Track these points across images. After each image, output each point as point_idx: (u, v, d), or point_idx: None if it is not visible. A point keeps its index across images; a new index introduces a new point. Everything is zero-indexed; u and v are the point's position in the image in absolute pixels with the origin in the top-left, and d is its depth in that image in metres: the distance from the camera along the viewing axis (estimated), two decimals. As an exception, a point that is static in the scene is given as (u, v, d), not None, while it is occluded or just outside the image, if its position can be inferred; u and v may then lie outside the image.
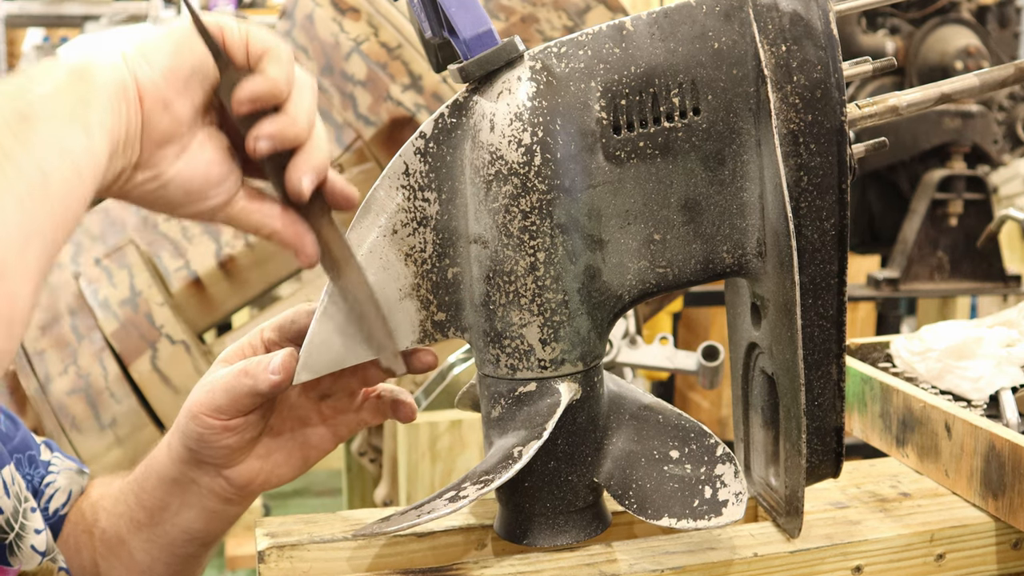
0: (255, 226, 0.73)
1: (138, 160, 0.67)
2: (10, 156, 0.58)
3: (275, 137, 0.69)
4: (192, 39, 0.68)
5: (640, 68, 0.73)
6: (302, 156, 0.70)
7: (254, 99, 0.68)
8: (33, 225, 0.58)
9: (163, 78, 0.67)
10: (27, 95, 0.61)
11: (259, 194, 0.73)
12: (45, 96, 0.61)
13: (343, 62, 1.96)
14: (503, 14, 1.92)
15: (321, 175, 0.72)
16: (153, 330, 1.98)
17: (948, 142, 2.84)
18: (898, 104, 0.80)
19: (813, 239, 0.75)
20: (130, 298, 2.01)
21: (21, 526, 0.84)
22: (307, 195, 0.71)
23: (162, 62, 0.67)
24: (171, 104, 0.67)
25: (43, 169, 0.59)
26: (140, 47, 0.67)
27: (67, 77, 0.63)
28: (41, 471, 0.93)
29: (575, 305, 0.74)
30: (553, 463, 0.77)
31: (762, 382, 0.82)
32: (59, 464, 0.95)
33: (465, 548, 0.83)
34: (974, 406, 0.94)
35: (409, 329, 0.77)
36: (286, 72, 0.69)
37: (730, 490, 0.73)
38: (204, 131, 0.70)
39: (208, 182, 0.70)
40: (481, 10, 0.72)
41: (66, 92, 0.62)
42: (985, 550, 0.83)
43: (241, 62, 0.69)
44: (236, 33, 0.69)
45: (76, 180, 0.61)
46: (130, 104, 0.65)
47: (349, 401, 0.85)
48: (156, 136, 0.67)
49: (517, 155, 0.71)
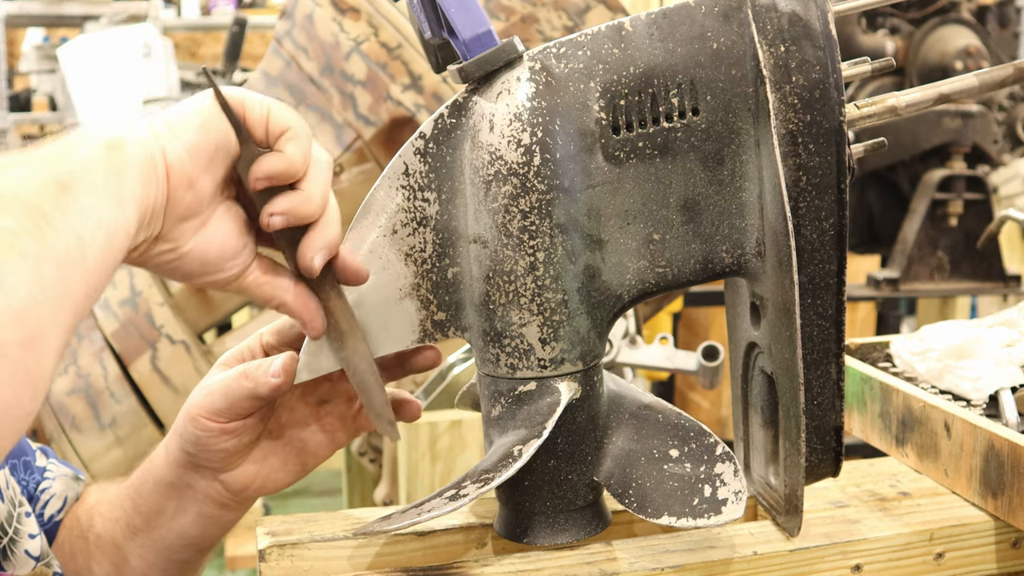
0: (266, 297, 0.74)
1: (159, 233, 0.68)
2: (51, 223, 0.58)
3: (289, 214, 0.71)
4: (217, 116, 0.69)
5: (639, 68, 0.73)
6: (314, 233, 0.72)
7: (271, 176, 0.70)
8: (68, 291, 0.59)
9: (189, 155, 0.68)
10: (66, 163, 0.62)
11: (271, 265, 0.75)
12: (82, 164, 0.62)
13: (343, 62, 1.96)
14: (503, 14, 1.93)
15: (332, 252, 0.73)
16: (153, 330, 1.98)
17: (948, 142, 2.84)
18: (897, 104, 0.80)
19: (812, 239, 0.75)
20: (130, 298, 2.01)
21: (15, 531, 0.85)
22: (317, 271, 0.72)
23: (189, 139, 0.68)
24: (195, 181, 0.68)
25: (81, 237, 0.60)
26: (168, 123, 0.68)
27: (102, 148, 0.64)
28: (36, 477, 0.93)
29: (575, 305, 0.74)
30: (553, 462, 0.77)
31: (762, 381, 0.83)
32: (55, 470, 0.95)
33: (465, 547, 0.84)
34: (974, 406, 0.95)
35: (409, 329, 0.77)
36: (303, 151, 0.71)
37: (730, 489, 0.73)
38: (223, 205, 0.72)
39: (223, 255, 0.71)
40: (480, 11, 0.72)
41: (102, 163, 0.63)
42: (984, 549, 0.83)
43: (260, 138, 0.71)
44: (257, 109, 0.71)
45: (109, 249, 0.62)
46: (159, 179, 0.66)
47: (347, 407, 0.85)
48: (179, 211, 0.68)
49: (516, 155, 0.72)
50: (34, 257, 0.56)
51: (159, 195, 0.66)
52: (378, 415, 0.77)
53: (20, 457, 0.93)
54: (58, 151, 0.63)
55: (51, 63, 4.84)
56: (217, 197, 0.71)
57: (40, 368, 0.56)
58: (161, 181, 0.66)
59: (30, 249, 0.56)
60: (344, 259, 0.75)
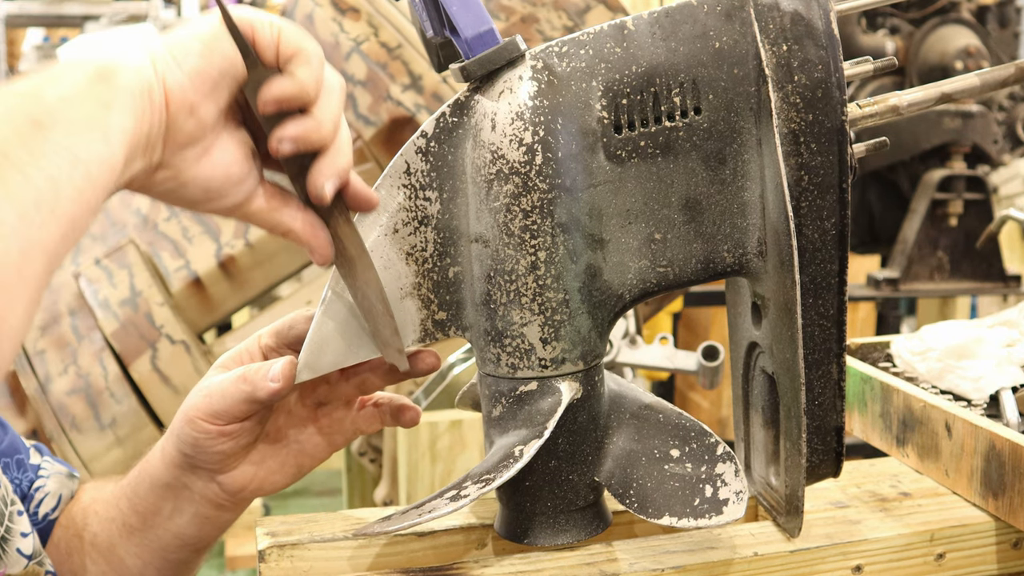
0: (272, 224, 0.73)
1: (159, 161, 0.66)
2: (16, 165, 0.56)
3: (299, 140, 0.69)
4: (222, 39, 0.67)
5: (641, 67, 0.73)
6: (325, 160, 0.70)
7: (280, 100, 0.68)
8: (36, 238, 0.56)
9: (191, 81, 0.66)
10: (43, 98, 0.59)
11: (278, 192, 0.73)
12: (63, 99, 0.60)
13: (343, 62, 1.96)
14: (503, 14, 1.92)
15: (343, 179, 0.71)
16: (153, 330, 1.98)
17: (948, 142, 2.85)
18: (898, 104, 0.80)
19: (814, 238, 0.75)
20: (130, 298, 2.01)
21: (7, 529, 0.84)
22: (329, 199, 0.71)
23: (191, 64, 0.66)
24: (197, 108, 0.66)
25: (54, 179, 0.57)
26: (170, 48, 0.66)
27: (89, 78, 0.61)
28: (30, 475, 0.93)
29: (576, 304, 0.74)
30: (554, 462, 0.77)
31: (762, 381, 0.82)
32: (49, 468, 0.94)
33: (466, 547, 0.83)
34: (974, 406, 0.94)
35: (410, 328, 0.77)
36: (315, 74, 0.69)
37: (731, 489, 0.73)
38: (227, 131, 0.69)
39: (228, 181, 0.69)
40: (482, 9, 0.72)
41: (86, 95, 0.61)
42: (985, 549, 0.83)
43: (270, 61, 0.68)
44: (267, 31, 0.68)
45: (90, 188, 0.59)
46: (155, 108, 0.64)
47: (346, 409, 0.85)
48: (180, 139, 0.66)
49: (518, 154, 0.71)
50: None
51: (155, 124, 0.64)
52: (385, 343, 0.76)
53: (13, 455, 0.92)
54: (40, 84, 0.60)
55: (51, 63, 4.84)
56: (221, 122, 0.69)
57: (5, 320, 0.54)
58: (158, 109, 0.64)
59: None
60: (355, 186, 0.73)
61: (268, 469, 0.84)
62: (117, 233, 2.12)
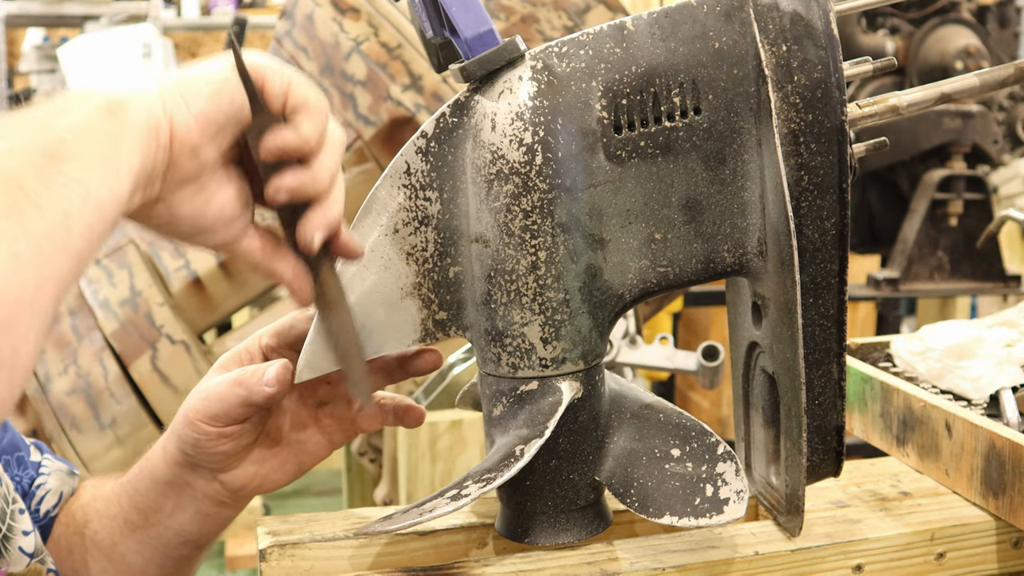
0: (257, 264, 0.73)
1: (156, 196, 0.67)
2: (33, 200, 0.56)
3: (295, 192, 0.69)
4: (232, 84, 0.67)
5: (641, 68, 0.73)
6: (317, 211, 0.71)
7: (282, 151, 0.68)
8: (49, 271, 0.56)
9: (197, 124, 0.66)
10: (57, 128, 0.59)
11: (267, 233, 0.73)
12: (75, 132, 0.59)
13: (343, 62, 1.96)
14: (503, 14, 1.92)
15: (332, 231, 0.72)
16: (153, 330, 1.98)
17: (948, 142, 2.84)
18: (898, 104, 0.80)
19: (814, 238, 0.75)
20: (130, 298, 2.01)
21: (8, 527, 0.84)
22: (316, 249, 0.71)
23: (199, 107, 0.66)
24: (199, 150, 0.67)
25: (67, 212, 0.57)
26: (180, 87, 0.66)
27: (100, 112, 0.61)
28: (31, 472, 0.93)
29: (576, 304, 0.74)
30: (555, 462, 0.77)
31: (763, 381, 0.83)
32: (49, 465, 0.95)
33: (466, 547, 0.84)
34: (974, 405, 0.95)
35: (410, 328, 0.77)
36: (319, 129, 0.69)
37: (731, 488, 0.73)
38: (223, 170, 0.70)
39: (220, 220, 0.70)
40: (482, 10, 0.72)
41: (98, 129, 0.61)
42: (985, 549, 0.83)
43: (277, 110, 0.69)
44: (278, 80, 0.68)
45: (98, 221, 0.60)
46: (160, 145, 0.64)
47: (346, 408, 0.85)
48: (178, 177, 0.67)
49: (518, 154, 0.72)
50: (10, 238, 0.54)
51: (158, 161, 0.64)
52: (355, 384, 0.76)
53: (13, 453, 0.92)
54: (52, 114, 0.60)
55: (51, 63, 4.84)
56: (219, 163, 0.69)
57: (16, 354, 0.54)
58: (163, 146, 0.64)
59: (6, 230, 0.54)
60: (343, 237, 0.74)
61: (269, 468, 0.84)
62: (117, 233, 2.12)
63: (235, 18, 3.40)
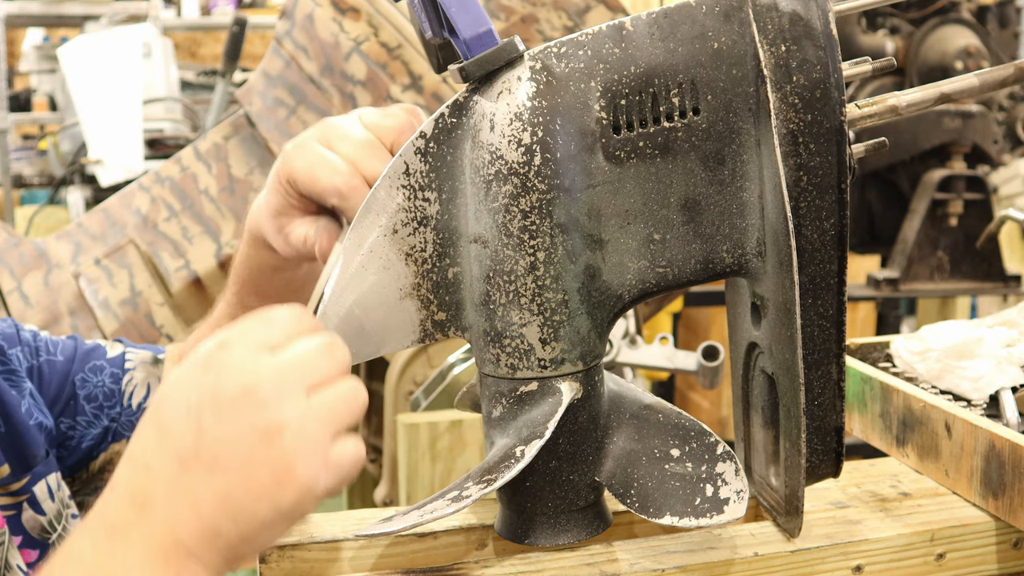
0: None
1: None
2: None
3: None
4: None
5: (640, 68, 0.73)
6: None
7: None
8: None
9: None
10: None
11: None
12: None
13: (343, 62, 1.96)
14: (503, 14, 1.92)
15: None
16: (153, 330, 1.98)
17: (948, 142, 2.85)
18: (898, 104, 0.80)
19: (813, 239, 0.75)
20: (130, 298, 2.01)
21: (64, 528, 0.88)
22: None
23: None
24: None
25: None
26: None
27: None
28: (115, 370, 0.99)
29: (575, 305, 0.74)
30: (554, 462, 0.77)
31: (762, 382, 0.83)
32: (134, 357, 1.01)
33: (466, 548, 0.84)
34: (974, 406, 0.94)
35: (409, 328, 0.77)
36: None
37: (731, 488, 0.73)
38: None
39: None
40: (481, 10, 0.72)
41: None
42: (985, 550, 0.83)
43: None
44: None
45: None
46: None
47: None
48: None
49: (517, 155, 0.72)
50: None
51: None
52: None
53: (84, 367, 0.99)
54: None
55: (51, 63, 4.84)
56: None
57: None
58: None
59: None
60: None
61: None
62: (117, 233, 2.12)
63: (235, 18, 3.40)
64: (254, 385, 0.61)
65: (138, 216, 2.12)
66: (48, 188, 4.27)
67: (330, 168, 0.80)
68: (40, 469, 0.91)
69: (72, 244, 2.15)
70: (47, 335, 1.01)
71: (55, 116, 4.88)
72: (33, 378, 0.96)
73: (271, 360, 0.62)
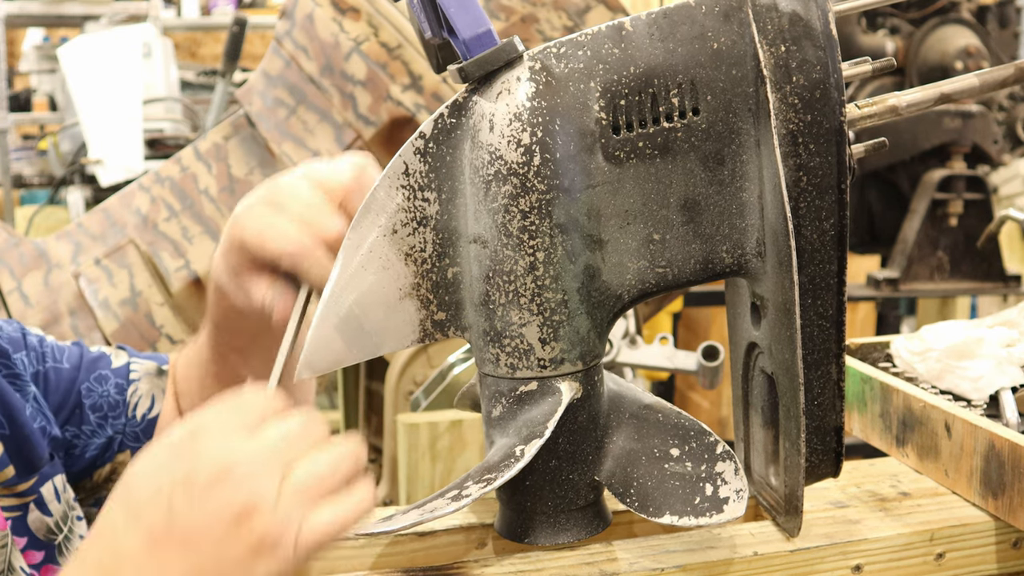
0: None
1: None
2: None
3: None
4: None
5: (639, 68, 0.73)
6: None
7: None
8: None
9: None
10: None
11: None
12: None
13: (343, 62, 1.96)
14: (503, 14, 1.93)
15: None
16: (153, 330, 1.98)
17: (948, 142, 2.85)
18: (898, 104, 0.80)
19: (812, 239, 0.75)
20: (130, 298, 2.01)
21: (69, 529, 0.88)
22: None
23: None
24: None
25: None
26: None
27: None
28: (119, 381, 0.99)
29: (574, 305, 0.74)
30: (554, 462, 0.77)
31: (762, 382, 0.83)
32: (139, 368, 1.01)
33: (466, 547, 0.84)
34: (974, 406, 0.95)
35: (409, 329, 0.77)
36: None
37: (731, 487, 0.73)
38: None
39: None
40: (480, 10, 0.72)
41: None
42: (985, 549, 0.83)
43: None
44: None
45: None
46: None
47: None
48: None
49: (516, 155, 0.72)
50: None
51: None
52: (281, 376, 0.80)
53: (89, 376, 0.99)
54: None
55: (51, 63, 4.84)
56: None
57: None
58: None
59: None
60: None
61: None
62: (117, 233, 2.12)
63: (235, 18, 3.41)
64: (231, 466, 0.61)
65: (138, 216, 2.12)
66: (48, 188, 4.27)
67: (278, 232, 0.79)
68: (47, 470, 0.92)
69: (72, 244, 2.15)
70: (53, 340, 1.00)
71: (55, 116, 4.88)
72: (38, 384, 0.95)
73: (246, 443, 0.63)
